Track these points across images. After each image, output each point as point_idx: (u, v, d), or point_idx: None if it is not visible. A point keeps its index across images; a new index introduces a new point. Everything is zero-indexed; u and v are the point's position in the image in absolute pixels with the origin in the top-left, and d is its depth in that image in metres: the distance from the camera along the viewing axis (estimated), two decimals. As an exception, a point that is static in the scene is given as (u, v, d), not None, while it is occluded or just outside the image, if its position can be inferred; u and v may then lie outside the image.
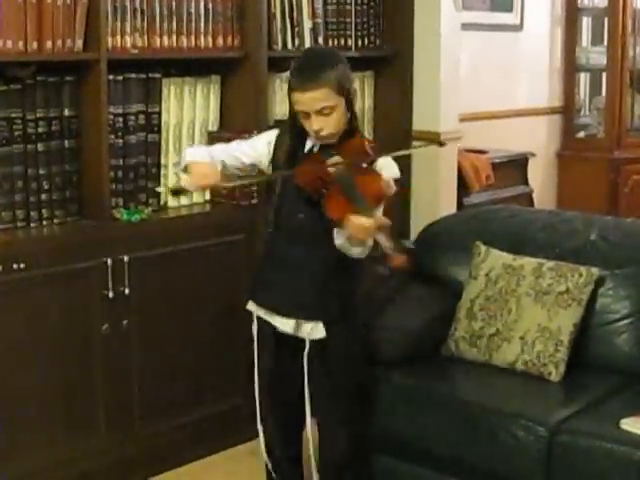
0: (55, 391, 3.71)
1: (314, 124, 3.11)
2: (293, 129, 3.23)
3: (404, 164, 4.83)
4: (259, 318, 3.36)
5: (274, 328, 3.32)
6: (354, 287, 3.34)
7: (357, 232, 3.01)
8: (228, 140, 4.09)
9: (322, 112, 3.09)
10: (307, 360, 3.28)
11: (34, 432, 3.66)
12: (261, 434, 3.45)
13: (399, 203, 4.82)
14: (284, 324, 3.29)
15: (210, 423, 4.18)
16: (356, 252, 3.15)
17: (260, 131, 3.99)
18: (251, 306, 3.38)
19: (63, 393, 3.74)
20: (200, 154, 3.35)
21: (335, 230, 3.10)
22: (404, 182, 4.84)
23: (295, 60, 3.26)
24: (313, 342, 3.26)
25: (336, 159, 3.10)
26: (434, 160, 4.79)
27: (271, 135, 3.35)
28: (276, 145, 3.29)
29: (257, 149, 3.34)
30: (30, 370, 3.62)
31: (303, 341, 3.28)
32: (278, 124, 3.47)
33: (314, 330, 3.26)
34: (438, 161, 4.88)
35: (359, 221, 2.97)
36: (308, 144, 3.24)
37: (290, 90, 3.16)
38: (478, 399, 3.47)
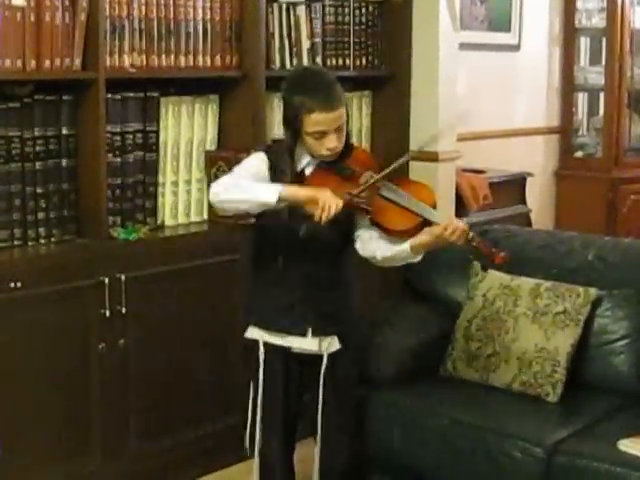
0: (51, 410, 3.69)
1: (331, 142, 3.11)
2: (292, 151, 3.19)
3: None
4: (266, 344, 3.30)
5: (285, 350, 3.29)
6: (355, 302, 3.39)
7: (452, 235, 3.08)
8: (226, 159, 4.13)
9: (338, 130, 3.12)
10: (324, 375, 3.28)
11: (30, 451, 3.64)
12: (257, 458, 3.43)
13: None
14: (306, 343, 3.26)
15: (206, 443, 4.17)
16: (418, 258, 3.24)
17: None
18: (256, 334, 3.32)
19: (59, 412, 3.72)
20: (265, 185, 3.12)
21: (393, 240, 3.17)
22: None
23: (300, 81, 3.22)
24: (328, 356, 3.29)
25: (369, 174, 3.14)
26: (432, 179, 4.78)
27: (260, 156, 3.24)
28: (271, 166, 3.20)
29: (259, 170, 3.19)
30: (26, 389, 3.61)
31: (315, 357, 3.28)
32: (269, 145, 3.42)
33: (331, 345, 3.28)
34: (436, 180, 4.87)
35: (457, 225, 3.10)
36: (302, 163, 3.22)
37: (307, 112, 3.07)
38: (475, 420, 3.47)
